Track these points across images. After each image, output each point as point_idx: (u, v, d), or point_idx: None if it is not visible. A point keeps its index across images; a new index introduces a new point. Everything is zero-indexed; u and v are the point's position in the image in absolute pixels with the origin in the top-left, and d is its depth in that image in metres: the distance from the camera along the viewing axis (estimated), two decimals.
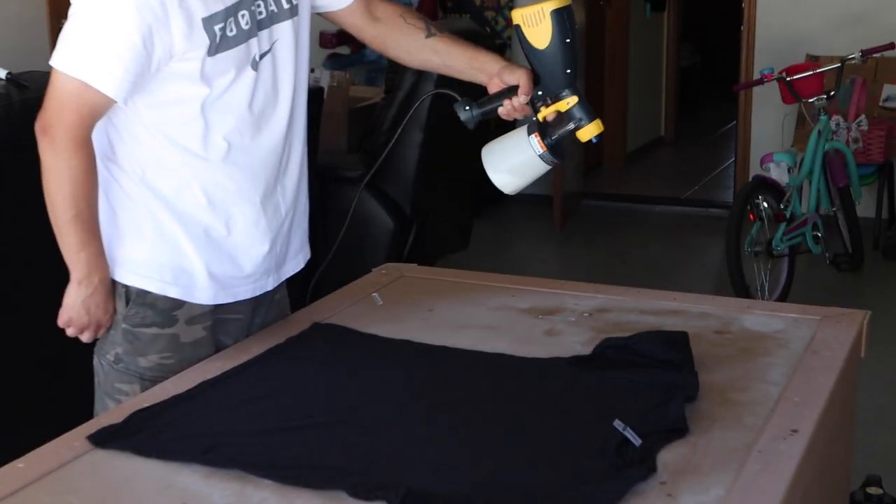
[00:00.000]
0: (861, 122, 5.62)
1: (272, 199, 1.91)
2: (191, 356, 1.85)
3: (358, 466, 1.42)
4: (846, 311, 1.96)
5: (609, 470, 1.38)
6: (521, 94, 1.88)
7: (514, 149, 1.90)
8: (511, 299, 2.10)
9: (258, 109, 1.84)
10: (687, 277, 5.49)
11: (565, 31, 1.82)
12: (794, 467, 1.40)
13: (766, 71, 4.95)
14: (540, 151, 1.86)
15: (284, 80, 1.89)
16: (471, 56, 1.98)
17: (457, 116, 1.93)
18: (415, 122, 4.24)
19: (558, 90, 1.86)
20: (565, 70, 1.84)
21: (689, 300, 2.08)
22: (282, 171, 1.92)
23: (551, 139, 1.86)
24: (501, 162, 1.91)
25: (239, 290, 1.91)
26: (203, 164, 1.82)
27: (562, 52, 1.82)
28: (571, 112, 1.85)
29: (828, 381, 1.67)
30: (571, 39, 1.83)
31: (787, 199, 4.80)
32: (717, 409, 1.58)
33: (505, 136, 1.93)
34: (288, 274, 2.02)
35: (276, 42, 1.86)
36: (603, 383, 1.65)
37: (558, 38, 1.81)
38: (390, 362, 1.78)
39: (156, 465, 1.46)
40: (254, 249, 1.90)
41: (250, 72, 1.81)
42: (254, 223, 1.88)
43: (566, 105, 1.85)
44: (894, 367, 4.21)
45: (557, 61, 1.83)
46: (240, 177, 1.85)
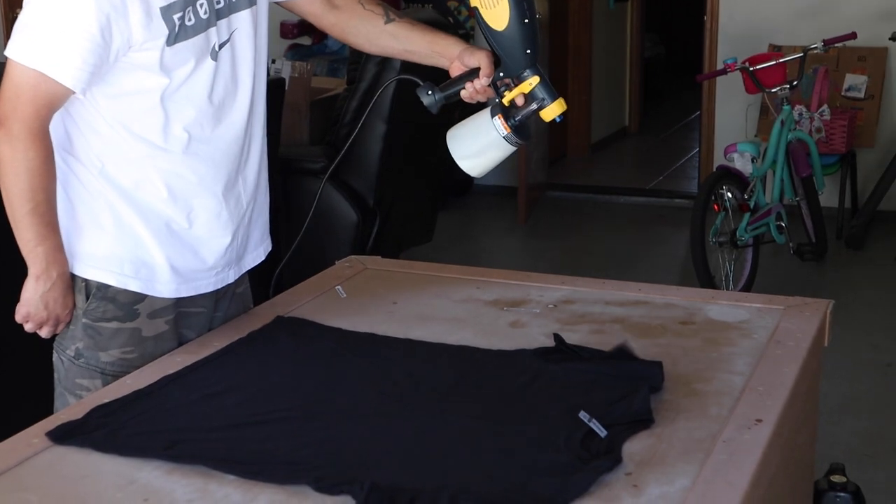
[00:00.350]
0: (823, 111, 5.67)
1: (233, 191, 1.90)
2: (153, 350, 1.85)
3: (322, 461, 1.41)
4: (810, 300, 1.98)
5: (575, 462, 1.38)
6: (482, 76, 1.89)
7: (478, 131, 1.91)
8: (476, 291, 2.10)
9: (218, 100, 1.84)
10: (651, 268, 5.52)
11: (522, 12, 1.82)
12: (759, 457, 1.41)
13: (729, 61, 4.98)
14: (504, 133, 1.88)
15: (244, 70, 1.89)
16: (431, 40, 1.99)
17: (420, 103, 1.93)
18: (378, 114, 4.23)
19: (519, 71, 1.86)
20: (525, 50, 1.85)
21: (654, 290, 2.09)
22: (242, 162, 1.92)
23: (515, 120, 1.88)
24: (466, 145, 1.92)
25: (201, 283, 1.91)
26: (163, 156, 1.80)
27: (520, 33, 1.83)
28: (534, 92, 1.87)
29: (792, 370, 1.68)
30: (530, 19, 1.83)
31: (750, 190, 4.83)
32: (682, 399, 1.59)
33: (469, 119, 1.94)
34: (249, 266, 2.01)
35: (234, 31, 1.85)
36: (568, 375, 1.66)
37: (516, 19, 1.82)
38: (354, 355, 1.78)
39: (117, 462, 1.45)
40: (215, 241, 1.89)
41: (210, 62, 1.81)
42: (216, 215, 1.88)
43: (528, 86, 1.86)
44: (857, 356, 4.26)
45: (516, 42, 1.84)
46: (201, 168, 1.84)
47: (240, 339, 1.84)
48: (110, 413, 1.57)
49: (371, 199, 4.30)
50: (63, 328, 1.84)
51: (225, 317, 1.99)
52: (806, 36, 5.70)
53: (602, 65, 8.27)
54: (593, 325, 1.90)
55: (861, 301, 4.91)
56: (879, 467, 3.40)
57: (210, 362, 1.76)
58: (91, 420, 1.55)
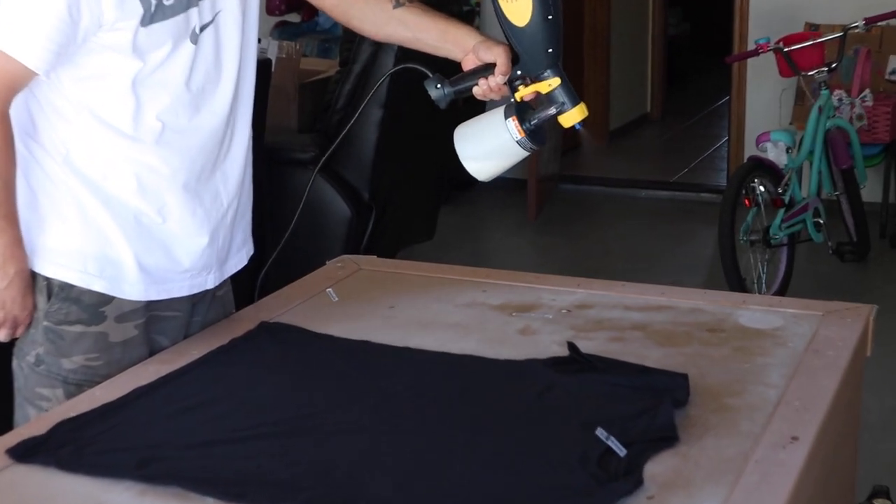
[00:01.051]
0: (865, 96, 5.67)
1: (211, 187, 1.90)
2: (121, 358, 1.84)
3: (310, 481, 1.41)
4: (851, 305, 1.98)
5: (591, 483, 1.38)
6: (497, 73, 1.87)
7: (489, 133, 1.90)
8: (481, 295, 2.10)
9: (197, 87, 1.83)
10: (676, 269, 5.52)
11: (547, 7, 1.80)
12: (795, 478, 1.41)
13: (761, 41, 4.98)
14: (518, 137, 1.86)
15: (229, 54, 1.88)
16: (443, 29, 1.97)
17: (425, 93, 1.93)
18: (374, 98, 4.23)
19: (538, 71, 1.86)
20: (546, 49, 1.84)
21: (679, 294, 2.09)
22: (223, 156, 1.92)
23: (530, 124, 1.87)
24: (475, 147, 1.92)
25: (174, 285, 1.90)
26: (133, 146, 1.80)
27: (543, 30, 1.81)
28: (553, 95, 1.86)
29: (831, 382, 1.68)
30: (554, 15, 1.81)
31: (785, 183, 4.83)
32: (711, 415, 1.59)
33: (479, 117, 1.93)
34: (231, 271, 2.02)
35: (219, 12, 1.85)
36: (583, 387, 1.66)
37: (539, 15, 1.80)
38: (347, 365, 1.78)
39: (84, 482, 1.44)
40: (190, 241, 1.89)
41: (189, 45, 1.80)
42: (190, 212, 1.87)
43: (547, 87, 1.86)
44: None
45: (538, 40, 1.83)
46: (174, 160, 1.84)
47: (220, 347, 1.84)
48: (77, 428, 1.57)
49: (366, 193, 4.31)
50: (23, 331, 1.84)
51: (203, 322, 1.98)
52: (846, 13, 5.70)
53: (621, 44, 8.27)
54: (611, 333, 1.90)
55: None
56: None
57: (187, 372, 1.75)
58: (56, 436, 1.55)
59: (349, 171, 4.29)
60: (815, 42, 4.99)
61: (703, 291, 2.16)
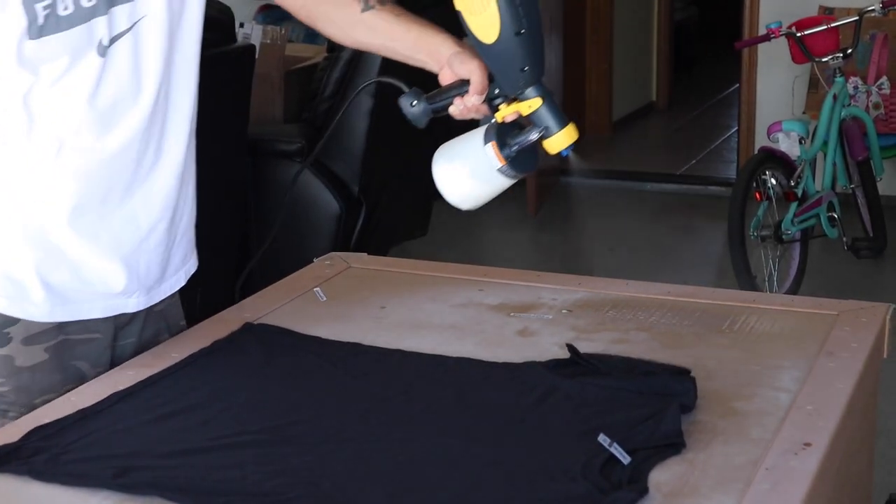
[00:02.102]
0: (882, 84, 5.68)
1: (123, 210, 1.80)
2: (29, 384, 1.77)
3: (297, 492, 1.41)
4: (867, 304, 1.98)
5: (594, 493, 1.39)
6: (472, 92, 1.76)
7: (467, 158, 1.79)
8: (478, 294, 2.10)
9: (106, 103, 1.73)
10: (683, 266, 5.53)
11: (517, 20, 1.67)
12: (808, 486, 1.41)
13: (772, 25, 4.99)
14: (498, 165, 1.75)
15: (150, 66, 1.76)
16: (417, 37, 1.85)
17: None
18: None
19: (516, 90, 1.74)
20: (520, 67, 1.71)
21: (686, 293, 2.09)
22: (142, 176, 1.81)
23: (511, 150, 1.75)
24: (453, 173, 1.80)
25: (85, 306, 1.81)
26: (28, 164, 1.72)
27: (514, 47, 1.69)
28: (534, 117, 1.74)
29: (846, 386, 1.69)
30: (528, 29, 1.68)
31: (798, 175, 4.84)
32: (719, 420, 1.60)
33: (458, 139, 1.81)
34: (163, 295, 1.93)
35: (140, 20, 1.73)
36: (585, 391, 1.66)
37: (509, 30, 1.67)
38: (335, 369, 1.78)
39: (59, 492, 1.44)
40: (100, 265, 1.80)
41: (94, 58, 1.69)
42: (92, 237, 1.78)
43: (527, 108, 1.74)
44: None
45: (509, 58, 1.70)
46: (72, 182, 1.74)
47: (202, 350, 1.84)
48: (52, 435, 1.57)
49: (356, 187, 4.31)
50: None
51: (139, 343, 1.91)
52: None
53: (625, 30, 8.28)
54: (615, 334, 1.91)
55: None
56: None
57: (168, 376, 1.75)
58: (29, 443, 1.55)
59: (338, 164, 4.30)
60: (829, 26, 5.00)
61: (712, 290, 2.17)
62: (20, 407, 1.75)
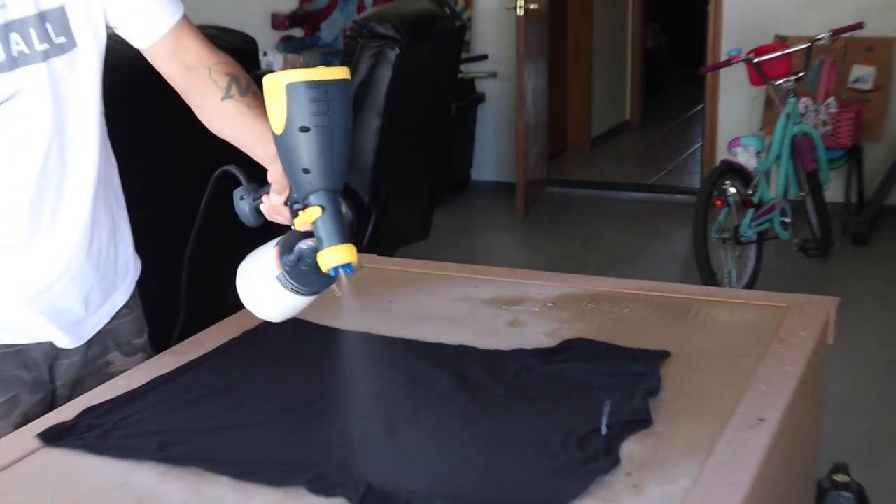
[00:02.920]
0: (830, 104, 5.69)
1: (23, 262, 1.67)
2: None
3: (316, 461, 1.42)
4: (814, 297, 1.99)
5: (572, 464, 1.39)
6: (273, 191, 1.54)
7: (260, 262, 1.54)
8: (473, 290, 2.11)
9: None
10: (653, 265, 5.54)
11: (304, 116, 1.40)
12: (762, 456, 1.42)
13: (733, 52, 5.00)
14: (276, 273, 1.50)
15: (35, 134, 1.61)
16: (258, 132, 1.61)
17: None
18: (372, 108, 4.24)
19: (301, 194, 1.47)
20: (302, 168, 1.44)
21: (656, 288, 2.10)
22: (38, 235, 1.67)
23: (289, 258, 1.50)
24: (248, 277, 1.57)
25: (7, 335, 1.71)
26: None
27: (296, 144, 1.42)
28: (315, 227, 1.47)
29: (796, 369, 1.69)
30: (317, 128, 1.41)
31: (754, 185, 4.85)
32: (684, 398, 1.60)
33: (262, 247, 1.57)
34: (94, 330, 1.80)
35: (21, 90, 1.57)
36: (565, 375, 1.67)
37: (292, 124, 1.41)
38: (349, 356, 1.78)
39: (108, 463, 1.45)
40: (8, 305, 1.70)
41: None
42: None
43: (310, 217, 1.46)
44: (863, 354, 4.28)
45: (291, 155, 1.44)
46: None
47: (233, 339, 1.85)
48: (102, 414, 1.58)
49: (366, 196, 4.31)
50: None
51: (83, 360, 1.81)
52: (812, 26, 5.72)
53: (603, 56, 8.28)
54: (593, 324, 1.91)
55: (867, 298, 4.93)
56: (884, 466, 3.42)
57: (202, 363, 1.76)
58: (82, 421, 1.56)
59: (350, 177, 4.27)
60: (783, 53, 5.01)
61: (678, 285, 2.17)
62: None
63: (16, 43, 1.56)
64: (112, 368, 1.87)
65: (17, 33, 1.56)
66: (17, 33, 1.56)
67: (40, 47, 1.59)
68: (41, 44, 1.59)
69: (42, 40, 1.59)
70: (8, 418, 1.73)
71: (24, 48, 1.57)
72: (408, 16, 4.34)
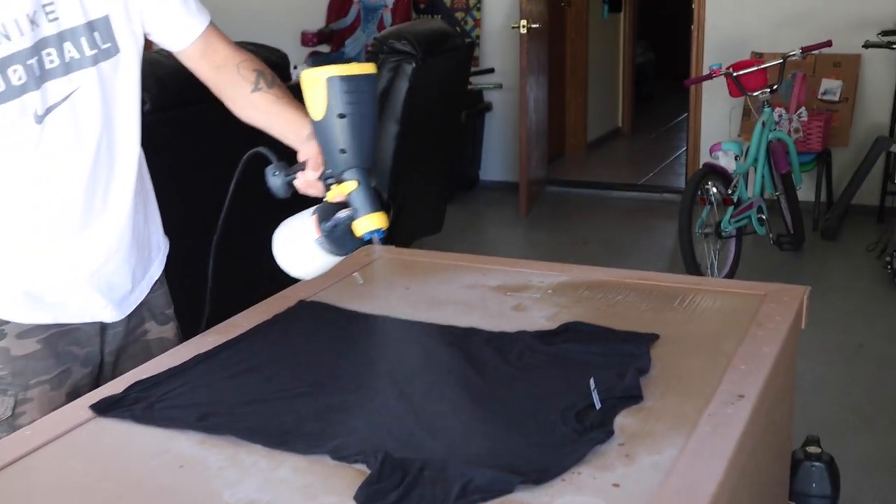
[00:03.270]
0: (801, 113, 5.67)
1: (76, 248, 1.69)
2: (24, 369, 1.70)
3: (339, 432, 1.42)
4: (788, 286, 1.98)
5: (571, 434, 1.39)
6: (308, 168, 1.60)
7: (297, 228, 1.60)
8: (481, 278, 2.10)
9: (46, 162, 1.60)
10: (642, 257, 5.52)
11: (341, 105, 1.50)
12: (741, 429, 1.41)
13: (714, 67, 4.98)
14: (315, 236, 1.57)
15: (88, 128, 1.64)
16: (289, 118, 1.68)
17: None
18: (391, 116, 4.23)
19: (337, 170, 1.56)
20: (339, 149, 1.53)
21: (645, 277, 2.09)
22: (91, 221, 1.70)
23: (327, 225, 1.57)
24: (285, 241, 1.63)
25: (61, 312, 1.73)
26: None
27: (335, 128, 1.52)
28: (350, 199, 1.56)
29: (772, 350, 1.68)
30: (351, 116, 1.51)
31: (734, 185, 4.84)
32: (671, 377, 1.60)
33: (299, 214, 1.63)
34: (129, 308, 1.82)
35: (75, 91, 1.60)
36: (563, 355, 1.66)
37: (332, 111, 1.51)
38: (370, 336, 1.78)
39: (153, 432, 1.45)
40: (63, 284, 1.71)
41: (33, 126, 1.56)
42: (51, 266, 1.68)
43: (346, 189, 1.55)
44: (831, 338, 4.26)
45: (330, 137, 1.53)
46: (23, 225, 1.64)
47: (265, 321, 1.85)
48: (148, 388, 1.58)
49: (385, 194, 4.31)
50: None
51: (126, 329, 1.83)
52: (785, 44, 5.70)
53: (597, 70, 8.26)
54: (589, 309, 1.90)
55: (835, 287, 4.91)
56: (851, 439, 3.41)
57: (239, 342, 1.76)
58: (130, 394, 1.56)
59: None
60: (759, 68, 4.99)
61: (666, 275, 2.16)
62: (17, 387, 1.70)
63: (68, 50, 1.59)
64: (148, 336, 1.89)
65: (69, 42, 1.59)
66: (69, 42, 1.59)
67: (90, 53, 1.62)
68: (90, 50, 1.62)
69: (91, 47, 1.62)
70: (60, 388, 1.75)
71: (76, 54, 1.60)
72: (423, 34, 4.34)
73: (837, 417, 3.58)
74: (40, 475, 1.36)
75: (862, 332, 4.36)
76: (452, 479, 1.27)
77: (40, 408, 1.70)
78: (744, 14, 6.22)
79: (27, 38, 1.53)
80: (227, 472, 1.34)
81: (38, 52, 1.55)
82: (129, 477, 1.35)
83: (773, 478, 1.84)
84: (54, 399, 1.72)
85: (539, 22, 6.35)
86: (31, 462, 1.39)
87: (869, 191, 5.78)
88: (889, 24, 5.70)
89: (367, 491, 1.25)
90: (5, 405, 1.69)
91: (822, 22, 5.94)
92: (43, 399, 1.72)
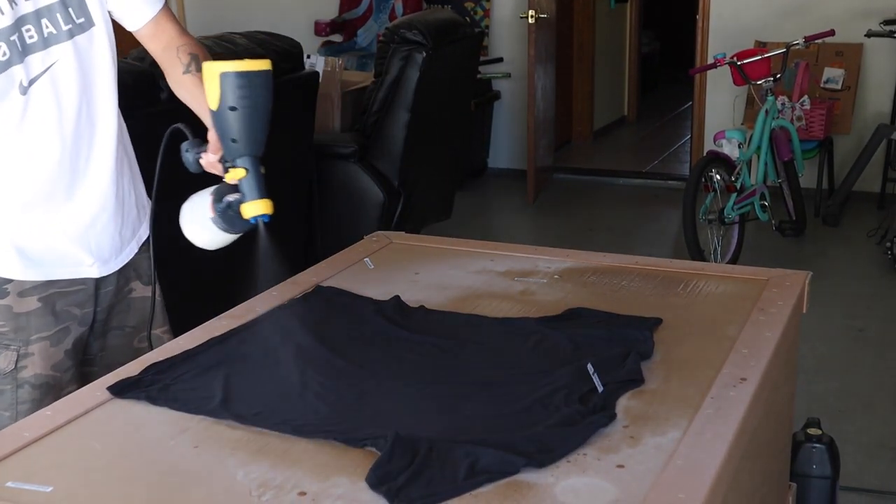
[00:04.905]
0: (804, 101, 5.63)
1: (68, 207, 1.79)
2: (25, 325, 1.79)
3: (350, 415, 1.42)
4: (790, 272, 1.97)
5: (575, 416, 1.39)
6: (209, 150, 1.67)
7: (197, 205, 1.70)
8: (489, 263, 2.10)
9: (32, 129, 1.71)
10: (647, 243, 5.51)
11: (232, 98, 1.56)
12: (743, 412, 1.41)
13: (718, 56, 4.95)
14: (210, 215, 1.66)
15: (69, 97, 1.74)
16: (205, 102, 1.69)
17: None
18: (402, 104, 4.23)
19: (230, 157, 1.62)
20: (231, 138, 1.59)
21: (650, 263, 2.09)
22: (77, 181, 1.79)
23: (220, 205, 1.65)
24: (186, 216, 1.72)
25: (53, 270, 1.82)
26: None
27: (227, 119, 1.57)
28: (240, 184, 1.63)
29: (773, 334, 1.68)
30: (243, 109, 1.56)
31: (737, 172, 4.81)
32: (675, 360, 1.59)
33: (203, 191, 1.71)
34: (117, 266, 1.90)
35: (54, 64, 1.71)
36: (567, 339, 1.66)
37: (224, 104, 1.56)
38: (380, 320, 1.78)
39: (169, 413, 1.46)
40: (54, 244, 1.80)
41: (18, 96, 1.68)
42: (44, 225, 1.78)
43: (237, 175, 1.62)
44: (832, 322, 4.25)
45: (223, 127, 1.59)
46: (18, 188, 1.74)
47: (279, 305, 1.85)
48: (163, 370, 1.59)
49: (396, 181, 4.31)
50: None
51: (116, 288, 1.91)
52: (789, 33, 5.66)
53: (603, 59, 8.23)
54: (594, 294, 1.90)
55: (836, 273, 4.89)
56: (851, 421, 3.40)
57: (253, 326, 1.76)
58: (146, 376, 1.57)
59: (382, 163, 4.29)
60: (762, 57, 4.96)
61: (670, 261, 2.16)
62: (19, 342, 1.79)
63: (46, 26, 1.70)
64: (133, 294, 1.97)
65: (45, 18, 1.70)
66: (45, 18, 1.70)
67: (65, 27, 1.73)
68: (66, 25, 1.73)
69: (66, 22, 1.73)
70: (59, 345, 1.84)
71: (53, 29, 1.71)
72: (433, 23, 4.32)
73: (838, 400, 3.57)
74: (61, 454, 1.36)
75: (862, 317, 4.35)
76: (459, 460, 1.27)
77: (41, 363, 1.80)
78: (748, 4, 6.18)
79: (7, 16, 1.65)
80: (240, 452, 1.34)
81: (19, 29, 1.67)
82: (145, 456, 1.35)
83: (774, 459, 1.84)
84: (54, 355, 1.82)
85: (547, 12, 6.32)
86: (52, 441, 1.40)
87: (870, 178, 5.75)
88: (891, 14, 5.66)
89: (379, 472, 1.26)
90: (8, 359, 1.78)
91: (824, 11, 5.90)
92: (44, 354, 1.81)
